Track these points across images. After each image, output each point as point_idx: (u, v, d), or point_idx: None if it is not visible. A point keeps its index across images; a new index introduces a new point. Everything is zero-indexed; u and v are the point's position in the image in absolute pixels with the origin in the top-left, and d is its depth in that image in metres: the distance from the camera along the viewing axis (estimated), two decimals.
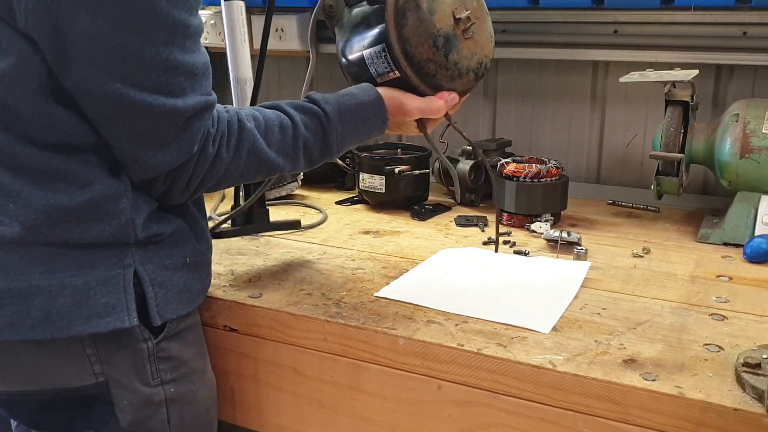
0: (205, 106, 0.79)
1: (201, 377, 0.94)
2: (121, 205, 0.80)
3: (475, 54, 0.93)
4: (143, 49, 0.72)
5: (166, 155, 0.78)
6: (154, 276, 0.83)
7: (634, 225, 1.32)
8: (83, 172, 0.78)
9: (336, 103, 0.90)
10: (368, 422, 0.93)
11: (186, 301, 0.88)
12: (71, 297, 0.78)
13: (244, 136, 0.84)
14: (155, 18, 0.72)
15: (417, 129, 0.96)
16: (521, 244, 1.21)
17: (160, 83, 0.75)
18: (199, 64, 0.78)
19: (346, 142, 0.91)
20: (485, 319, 0.91)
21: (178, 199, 0.85)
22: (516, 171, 1.30)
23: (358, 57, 0.93)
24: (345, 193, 1.56)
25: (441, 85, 0.92)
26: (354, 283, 1.04)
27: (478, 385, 0.84)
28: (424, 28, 0.88)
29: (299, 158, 0.89)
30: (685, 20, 1.39)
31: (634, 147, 1.57)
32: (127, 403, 0.85)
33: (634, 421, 0.76)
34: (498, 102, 1.67)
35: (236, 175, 0.86)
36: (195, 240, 0.89)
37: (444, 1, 0.89)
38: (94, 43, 0.71)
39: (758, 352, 0.79)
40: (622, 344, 0.85)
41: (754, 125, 1.19)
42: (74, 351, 0.82)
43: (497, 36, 0.97)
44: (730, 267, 1.11)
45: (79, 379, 0.83)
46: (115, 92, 0.73)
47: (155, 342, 0.86)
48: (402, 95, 0.92)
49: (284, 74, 1.85)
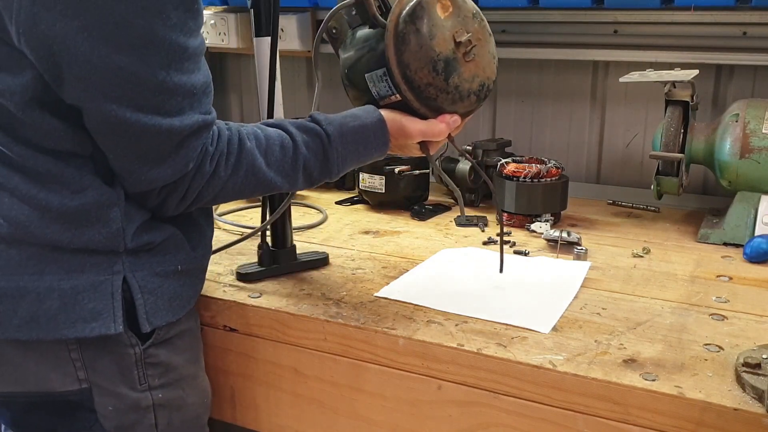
0: (203, 124, 0.79)
1: (192, 383, 0.93)
2: (113, 214, 0.80)
3: (476, 76, 0.92)
4: (139, 72, 0.72)
5: (161, 171, 0.78)
6: (144, 283, 0.83)
7: (634, 225, 1.32)
8: (77, 177, 0.79)
9: (338, 124, 0.90)
10: (368, 422, 0.93)
11: (176, 307, 0.87)
12: (59, 300, 0.78)
13: (243, 155, 0.84)
14: (152, 42, 0.72)
15: (419, 151, 0.96)
16: (521, 244, 1.21)
17: (156, 104, 0.74)
18: (199, 84, 0.78)
19: (347, 163, 0.91)
20: (485, 319, 0.91)
21: (172, 212, 0.85)
22: (516, 171, 1.30)
23: (360, 79, 0.93)
24: (345, 193, 1.56)
25: (442, 108, 0.92)
26: (354, 283, 1.04)
27: (478, 385, 0.84)
28: (423, 53, 0.88)
29: (298, 178, 0.89)
30: (685, 20, 1.39)
31: (634, 147, 1.57)
32: (113, 408, 0.85)
33: (634, 421, 0.76)
34: (498, 102, 1.67)
35: (233, 193, 0.86)
36: (189, 247, 0.88)
37: (444, 25, 0.89)
38: (91, 66, 0.71)
39: (758, 352, 0.79)
40: (622, 344, 0.85)
41: (754, 125, 1.19)
42: (60, 355, 0.82)
43: (497, 36, 0.97)
44: (730, 267, 1.11)
45: (63, 384, 0.83)
46: (111, 112, 0.73)
47: (143, 348, 0.85)
48: (404, 118, 0.92)
49: (284, 74, 1.84)
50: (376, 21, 0.90)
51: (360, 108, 0.93)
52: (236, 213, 1.41)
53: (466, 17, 0.91)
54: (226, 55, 1.95)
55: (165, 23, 0.72)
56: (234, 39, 1.75)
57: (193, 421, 0.94)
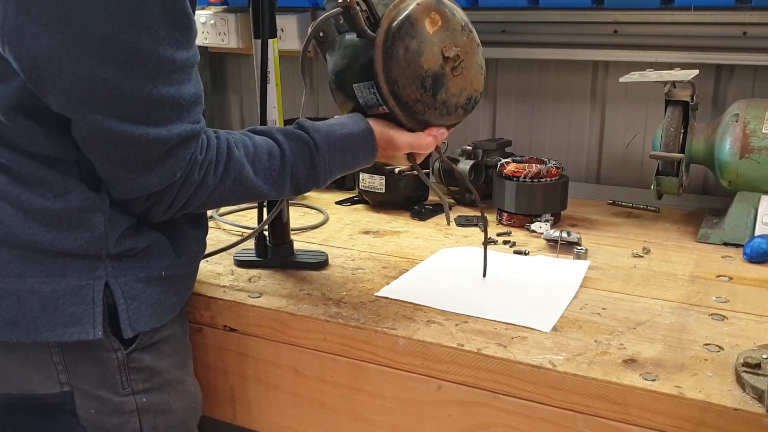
0: (191, 134, 0.78)
1: (178, 388, 0.92)
2: (96, 219, 0.79)
3: (464, 90, 0.92)
4: (124, 85, 0.71)
5: (148, 179, 0.78)
6: (127, 288, 0.82)
7: (634, 225, 1.32)
8: (60, 181, 0.78)
9: (325, 132, 0.89)
10: (368, 422, 0.93)
11: (159, 313, 0.87)
12: (39, 303, 0.78)
13: (231, 164, 0.84)
14: (138, 56, 0.71)
15: (406, 161, 0.96)
16: (521, 244, 1.21)
17: (142, 114, 0.74)
18: (188, 95, 0.77)
19: (335, 170, 0.91)
20: (486, 318, 0.91)
21: (159, 218, 0.84)
22: (516, 171, 1.30)
23: (348, 87, 0.93)
24: (345, 193, 1.56)
25: (430, 122, 0.92)
26: (354, 283, 1.04)
27: (478, 385, 0.84)
28: (412, 71, 0.87)
29: (285, 185, 0.89)
30: (685, 20, 1.39)
31: (634, 147, 1.57)
32: (95, 412, 0.84)
33: (634, 421, 0.76)
34: (498, 102, 1.67)
35: (220, 200, 0.85)
36: (174, 254, 0.88)
37: (432, 41, 0.88)
38: (75, 79, 0.70)
39: (758, 352, 0.79)
40: (622, 344, 0.85)
41: (754, 125, 1.19)
42: (41, 357, 0.81)
43: (497, 36, 0.97)
44: (730, 267, 1.11)
45: (44, 387, 0.82)
46: (96, 123, 0.73)
47: (125, 353, 0.85)
48: (392, 130, 0.92)
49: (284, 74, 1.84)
50: (365, 34, 0.88)
51: (348, 116, 0.93)
52: (236, 213, 1.41)
53: (454, 30, 0.90)
54: (226, 55, 1.95)
55: (152, 38, 0.71)
56: (234, 39, 1.75)
57: (179, 426, 0.93)
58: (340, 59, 0.94)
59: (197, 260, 0.94)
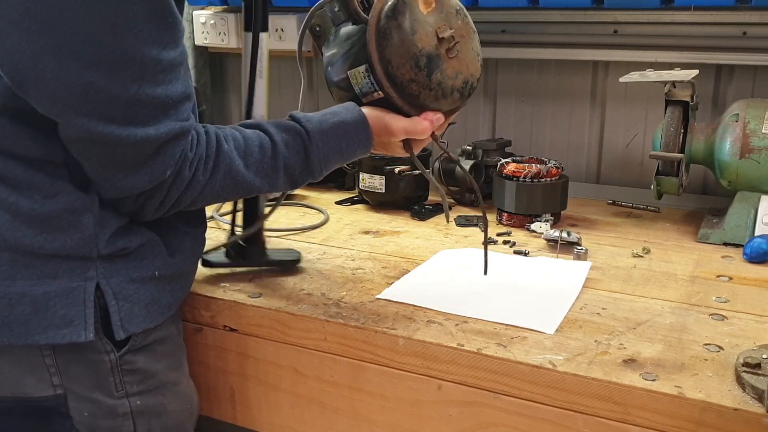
0: (179, 132, 0.77)
1: (173, 390, 0.92)
2: (85, 220, 0.79)
3: (459, 73, 0.91)
4: (109, 87, 0.71)
5: (137, 179, 0.77)
6: (119, 289, 0.82)
7: (634, 225, 1.32)
8: (48, 183, 0.78)
9: (318, 122, 0.88)
10: (368, 422, 0.93)
11: (153, 314, 0.86)
12: (30, 306, 0.78)
13: (221, 159, 0.83)
14: (122, 57, 0.70)
15: (403, 150, 0.95)
16: (521, 244, 1.21)
17: (129, 115, 0.73)
18: (175, 94, 0.76)
19: (330, 161, 0.90)
20: (489, 320, 0.91)
21: (151, 217, 0.84)
22: (516, 171, 1.30)
23: (343, 76, 0.92)
24: (345, 193, 1.56)
25: (425, 105, 0.90)
26: (354, 283, 1.04)
27: (478, 385, 0.84)
28: (405, 49, 0.87)
29: (279, 178, 0.88)
30: (685, 20, 1.39)
31: (634, 147, 1.57)
32: (89, 414, 0.84)
33: (634, 421, 0.76)
34: (498, 102, 1.67)
35: (211, 197, 0.85)
36: (167, 253, 0.87)
37: (426, 21, 0.88)
38: (59, 82, 0.70)
39: (758, 352, 0.79)
40: (622, 344, 0.85)
41: (754, 125, 1.19)
42: (34, 360, 0.81)
43: (497, 36, 0.97)
44: (730, 267, 1.11)
45: (37, 390, 0.82)
46: (83, 126, 0.72)
47: (118, 355, 0.84)
48: (387, 115, 0.90)
49: (284, 74, 1.85)
50: (358, 17, 0.89)
51: (340, 105, 0.92)
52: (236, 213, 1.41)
53: (449, 13, 0.90)
54: (226, 55, 1.95)
55: (136, 38, 0.70)
56: (234, 39, 1.75)
57: (175, 428, 0.92)
58: (335, 50, 0.94)
59: (193, 259, 0.94)
